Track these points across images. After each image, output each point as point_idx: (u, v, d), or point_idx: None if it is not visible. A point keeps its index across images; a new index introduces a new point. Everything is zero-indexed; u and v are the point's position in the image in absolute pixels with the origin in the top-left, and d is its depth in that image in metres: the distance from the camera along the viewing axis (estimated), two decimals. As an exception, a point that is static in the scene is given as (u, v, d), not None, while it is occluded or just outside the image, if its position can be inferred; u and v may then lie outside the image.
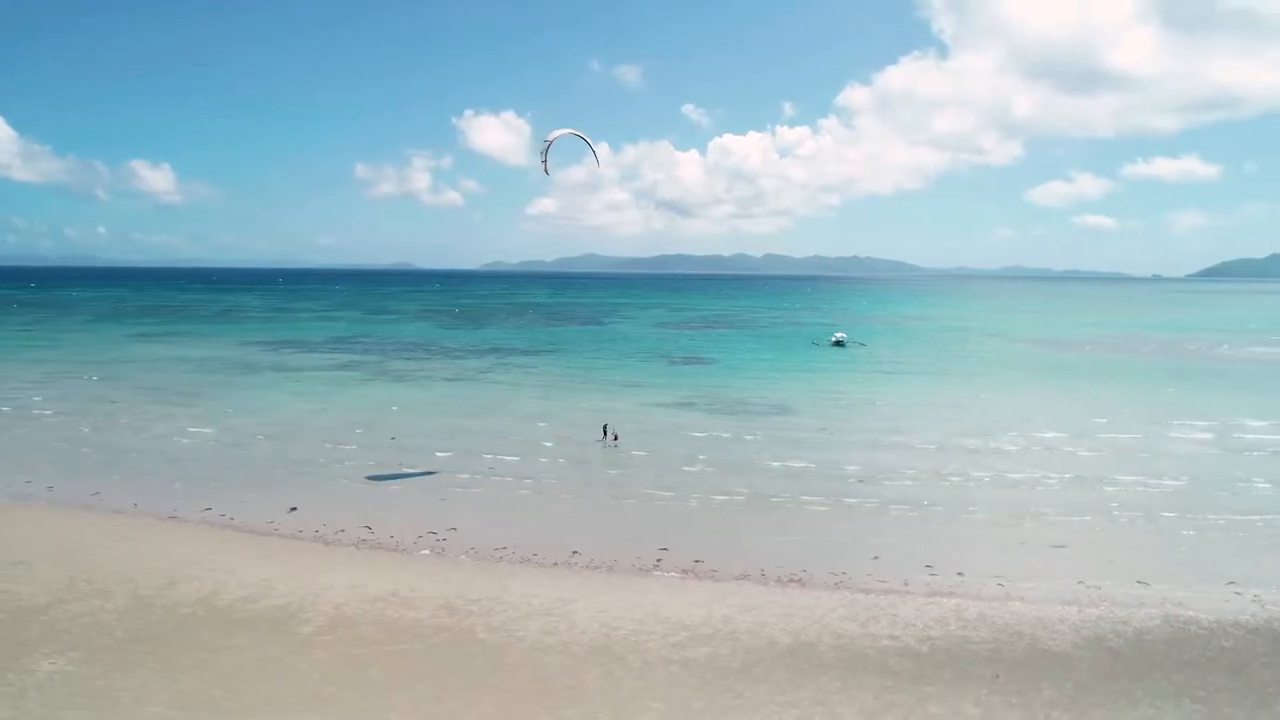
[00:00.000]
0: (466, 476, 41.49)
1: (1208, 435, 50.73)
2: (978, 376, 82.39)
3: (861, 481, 40.30)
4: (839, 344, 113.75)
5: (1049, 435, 50.67)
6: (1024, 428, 52.57)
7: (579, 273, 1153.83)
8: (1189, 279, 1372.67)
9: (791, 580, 28.22)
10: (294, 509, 36.10)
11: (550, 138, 39.50)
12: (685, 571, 29.16)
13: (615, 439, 49.46)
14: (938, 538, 32.68)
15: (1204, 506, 36.04)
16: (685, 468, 43.21)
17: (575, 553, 30.82)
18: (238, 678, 20.77)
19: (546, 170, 39.04)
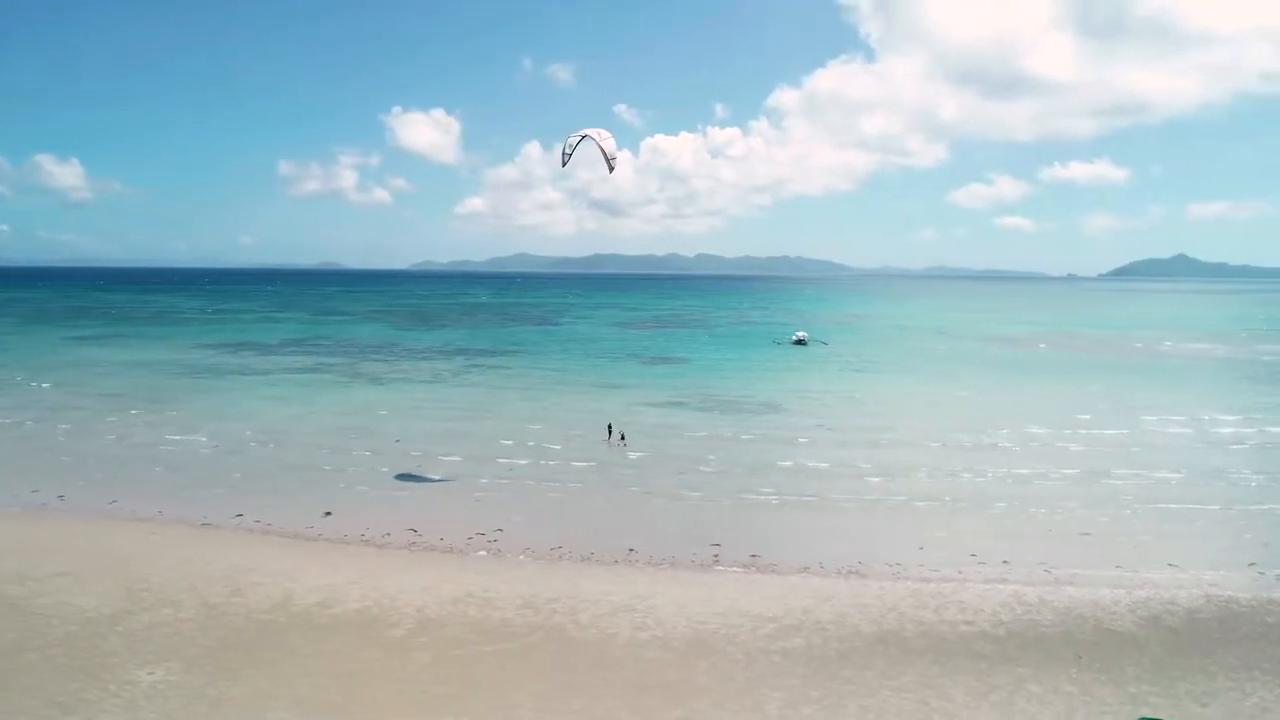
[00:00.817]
0: (486, 480, 41.38)
1: (1188, 429, 53.69)
2: (945, 374, 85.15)
3: (881, 478, 41.57)
4: (800, 343, 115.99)
5: (1039, 431, 52.96)
6: (1012, 424, 54.79)
7: (514, 272, 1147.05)
8: (1101, 278, 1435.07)
9: (851, 572, 29.20)
10: (328, 514, 35.65)
11: (572, 140, 39.75)
12: (746, 566, 29.91)
13: (622, 439, 49.90)
14: (971, 529, 34.08)
15: (1206, 496, 38.35)
16: (702, 468, 43.87)
17: (631, 550, 31.29)
18: (350, 681, 20.71)
19: (564, 165, 39.38)
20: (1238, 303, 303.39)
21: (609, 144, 38.50)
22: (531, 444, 49.02)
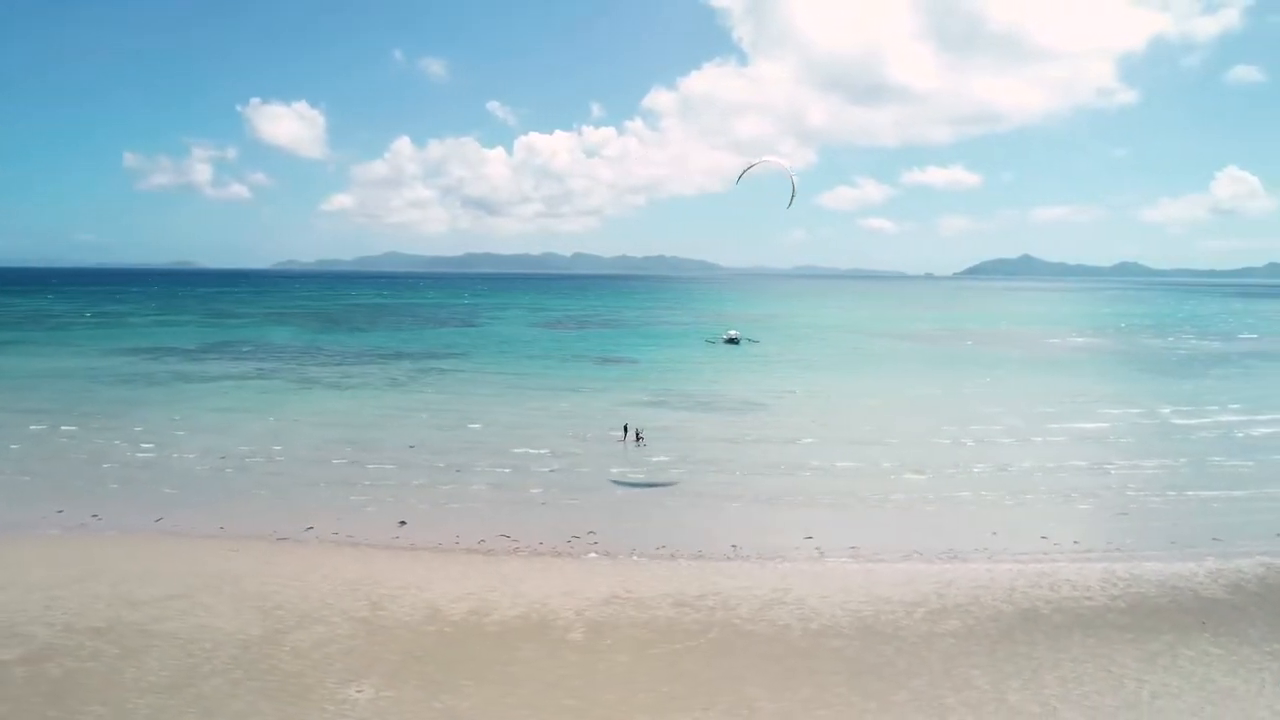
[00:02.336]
0: (537, 485, 41.23)
1: (1149, 421, 58.77)
2: (897, 372, 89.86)
3: (915, 474, 43.69)
4: (733, 341, 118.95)
5: (1014, 424, 57.01)
6: (985, 419, 58.61)
7: (385, 271, 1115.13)
8: (956, 276, 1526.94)
9: (953, 557, 31.20)
10: (403, 523, 34.99)
11: (754, 165, 40.79)
12: (853, 556, 31.42)
13: (639, 439, 50.64)
14: (1027, 514, 36.90)
15: (1200, 481, 42.32)
16: (736, 469, 44.77)
17: (734, 546, 32.29)
18: (573, 685, 20.90)
19: (736, 181, 40.62)
20: (1094, 299, 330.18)
21: (796, 184, 40.18)
22: (546, 449, 48.79)
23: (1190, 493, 39.97)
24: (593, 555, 31.41)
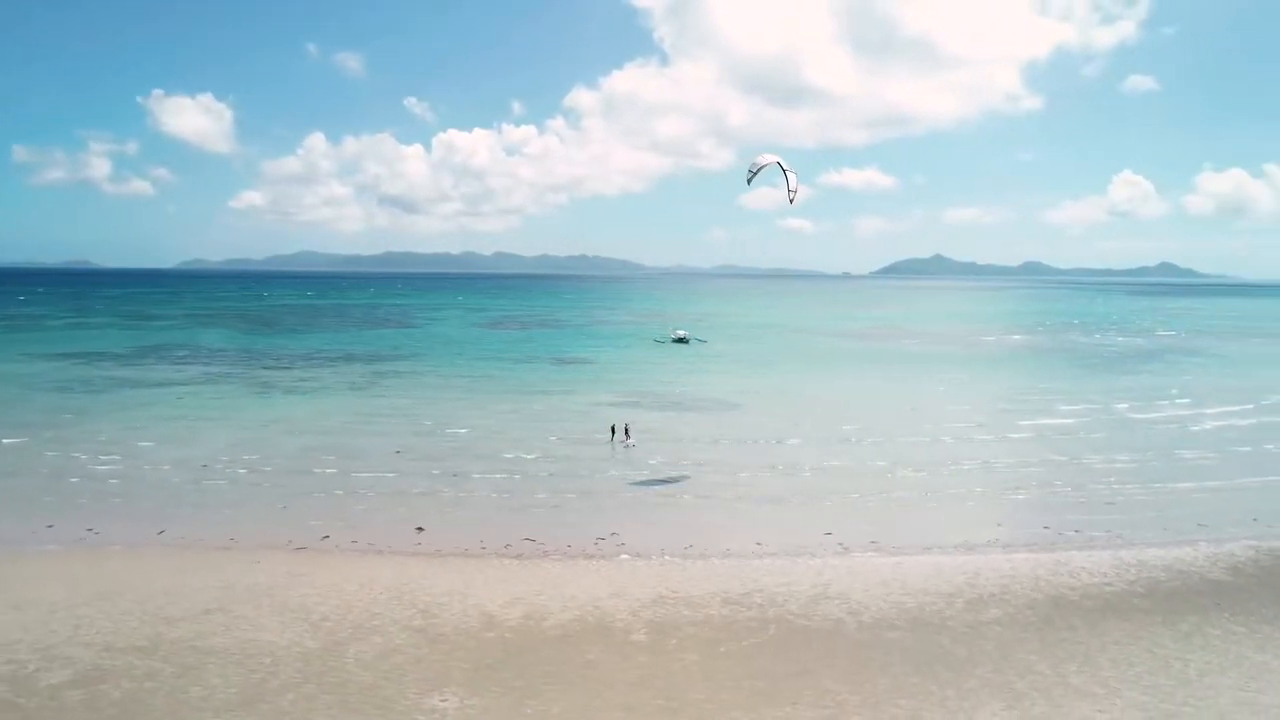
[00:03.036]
0: (546, 494, 40.74)
1: (1108, 416, 61.71)
2: (842, 370, 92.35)
3: (911, 470, 44.94)
4: (681, 340, 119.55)
5: (984, 420, 59.28)
6: (955, 417, 60.69)
7: (300, 271, 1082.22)
8: (872, 276, 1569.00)
9: (970, 549, 32.43)
10: (421, 529, 34.51)
11: (759, 164, 40.95)
12: (876, 550, 32.37)
13: (626, 436, 50.94)
14: (1025, 505, 38.64)
15: (1173, 473, 44.61)
16: (735, 470, 45.05)
17: (759, 544, 32.88)
18: (657, 686, 21.03)
19: (749, 181, 40.81)
20: (1011, 298, 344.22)
21: (793, 178, 40.38)
22: (536, 452, 48.52)
23: (1167, 484, 42.20)
24: (625, 556, 31.54)
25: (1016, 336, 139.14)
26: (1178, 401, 67.36)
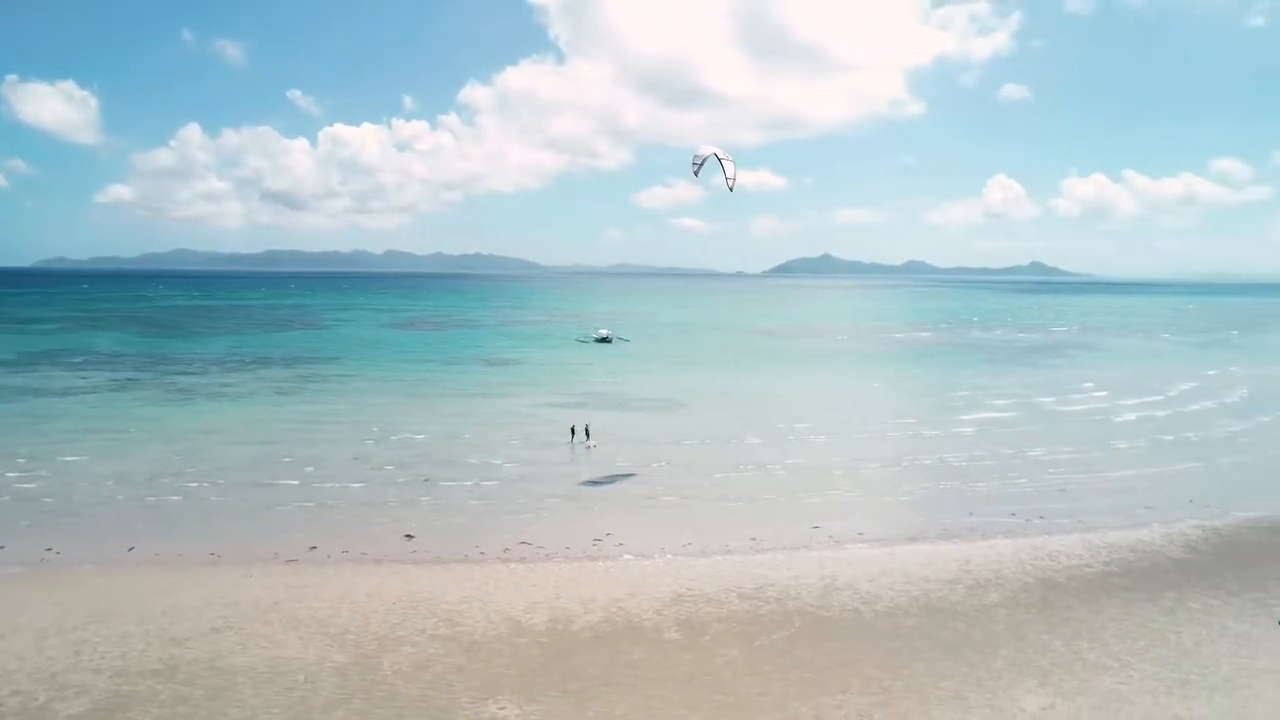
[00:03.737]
0: (526, 498, 40.49)
1: (1034, 409, 65.43)
2: (771, 368, 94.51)
3: (871, 465, 46.73)
4: (605, 340, 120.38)
5: (923, 415, 62.09)
6: (895, 413, 63.32)
7: (176, 270, 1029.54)
8: (764, 274, 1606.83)
9: (954, 537, 34.05)
10: (410, 536, 33.83)
11: (701, 155, 41.23)
12: (865, 541, 33.59)
13: (587, 436, 51.07)
14: (981, 496, 40.58)
15: (1110, 461, 47.82)
16: (704, 469, 45.70)
17: (753, 539, 33.64)
18: (708, 682, 21.36)
19: (697, 174, 41.05)
20: (905, 295, 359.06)
21: (730, 167, 40.86)
22: (500, 456, 47.88)
23: (1109, 472, 45.16)
24: (628, 557, 31.71)
25: (925, 334, 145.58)
26: (1094, 394, 72.16)
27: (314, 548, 32.30)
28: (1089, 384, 78.91)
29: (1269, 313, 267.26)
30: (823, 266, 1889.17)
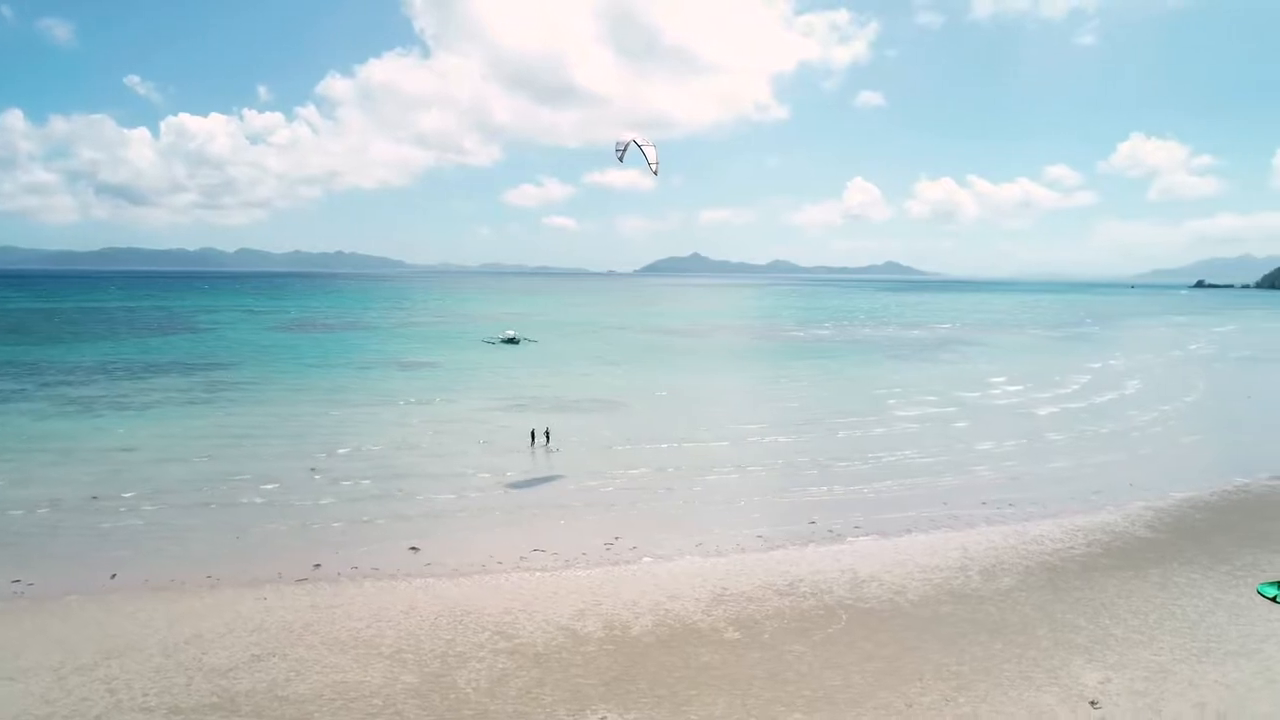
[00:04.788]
0: (516, 507, 39.55)
1: (959, 405, 69.27)
2: (692, 366, 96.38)
3: (835, 461, 48.21)
4: (512, 341, 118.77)
5: (863, 411, 64.62)
6: (838, 411, 65.40)
7: (5, 269, 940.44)
8: (636, 273, 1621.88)
9: (938, 526, 35.90)
10: (415, 549, 32.79)
11: (622, 142, 41.23)
12: (865, 535, 34.93)
13: (547, 441, 50.74)
14: (948, 489, 42.75)
15: (1049, 453, 51.55)
16: (678, 469, 46.62)
17: (760, 536, 34.47)
18: (789, 678, 21.92)
19: (621, 159, 41.11)
20: (781, 293, 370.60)
21: (651, 153, 41.08)
22: (467, 464, 46.56)
23: (1050, 463, 48.41)
24: (648, 560, 31.82)
25: (823, 331, 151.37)
26: (1008, 389, 77.35)
27: (318, 565, 30.81)
28: (998, 378, 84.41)
29: (1107, 308, 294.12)
30: (692, 266, 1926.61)
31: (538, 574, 30.15)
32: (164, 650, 23.51)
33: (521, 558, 31.82)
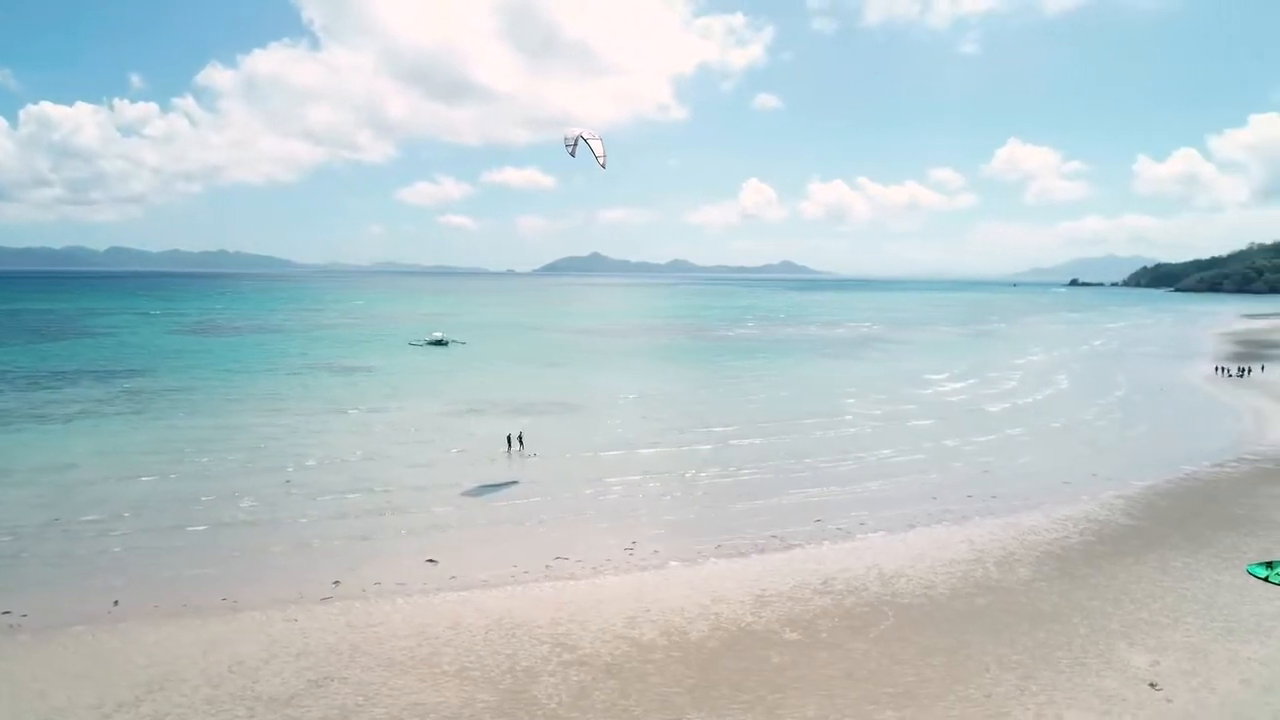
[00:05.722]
0: (524, 514, 38.75)
1: (913, 404, 71.50)
2: (630, 367, 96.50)
3: (814, 459, 49.31)
4: (440, 343, 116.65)
5: (818, 411, 66.02)
6: (799, 411, 66.82)
7: None
8: (535, 273, 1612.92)
9: (937, 521, 37.13)
10: (432, 561, 31.84)
11: (570, 136, 41.12)
12: (871, 531, 35.78)
13: (520, 446, 50.10)
14: (932, 486, 44.28)
15: (1011, 447, 54.28)
16: (683, 474, 46.69)
17: (775, 536, 34.88)
18: (863, 677, 22.33)
19: (573, 154, 41.09)
20: (688, 293, 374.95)
21: (598, 145, 41.52)
22: (451, 476, 45.00)
23: (1018, 458, 50.38)
24: (674, 564, 31.75)
25: (745, 330, 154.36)
26: (952, 385, 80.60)
27: (338, 583, 29.52)
28: (936, 376, 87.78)
29: (1004, 305, 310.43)
30: (592, 265, 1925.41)
31: (570, 582, 29.71)
32: (208, 680, 22.15)
33: (547, 566, 31.31)
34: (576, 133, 41.23)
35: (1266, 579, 29.53)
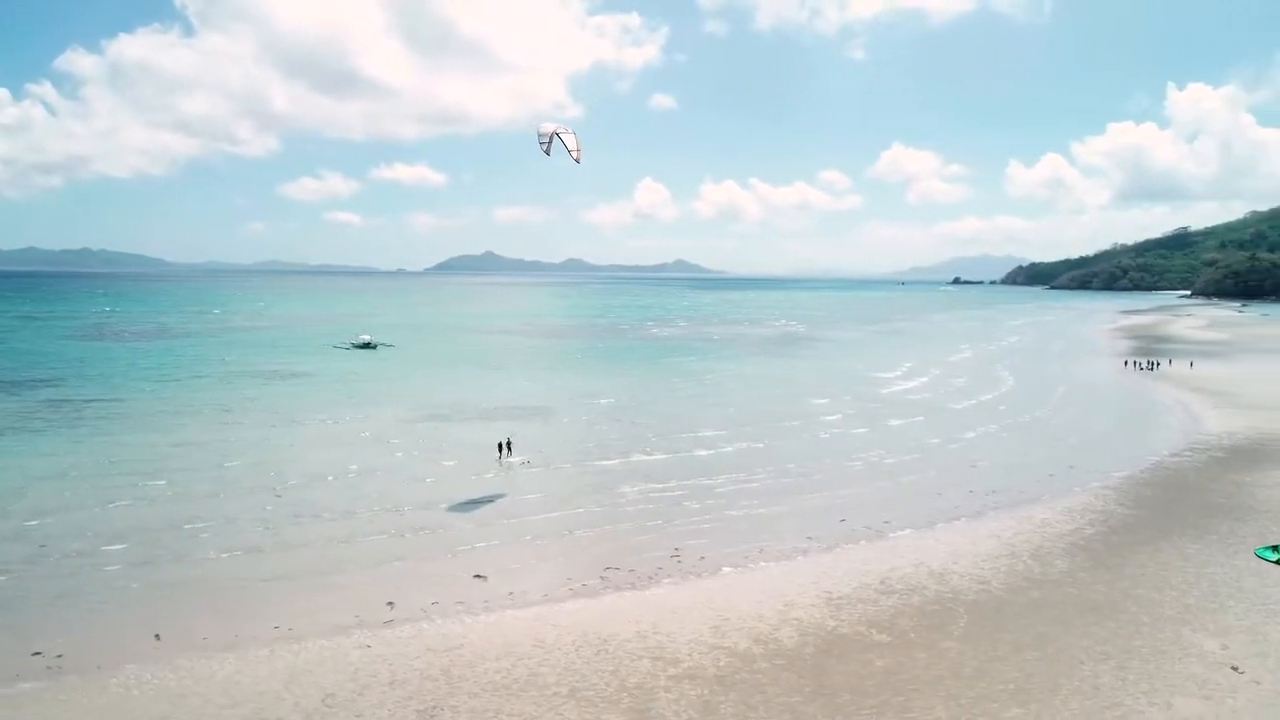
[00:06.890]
0: (545, 524, 38.14)
1: (873, 403, 73.45)
2: (577, 369, 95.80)
3: (812, 460, 50.16)
4: (367, 346, 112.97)
5: (786, 413, 67.10)
6: (765, 416, 67.71)
7: None
8: (427, 272, 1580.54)
9: (956, 517, 38.32)
10: (480, 576, 30.83)
11: (544, 133, 40.82)
12: (898, 530, 36.60)
13: (510, 453, 49.04)
14: (930, 482, 45.77)
15: (993, 444, 56.47)
16: (685, 481, 46.60)
17: (811, 538, 35.26)
18: (973, 676, 22.86)
19: (548, 152, 40.80)
20: (596, 292, 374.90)
21: (571, 139, 41.85)
22: (452, 487, 43.79)
23: (1000, 454, 52.54)
24: (727, 569, 31.67)
25: (675, 329, 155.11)
26: (907, 384, 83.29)
27: (392, 604, 28.17)
28: (887, 374, 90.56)
29: (899, 303, 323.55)
30: (486, 264, 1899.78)
31: (633, 593, 29.31)
32: (307, 717, 20.74)
33: (601, 577, 30.77)
34: (551, 129, 40.85)
35: (1278, 562, 31.62)
